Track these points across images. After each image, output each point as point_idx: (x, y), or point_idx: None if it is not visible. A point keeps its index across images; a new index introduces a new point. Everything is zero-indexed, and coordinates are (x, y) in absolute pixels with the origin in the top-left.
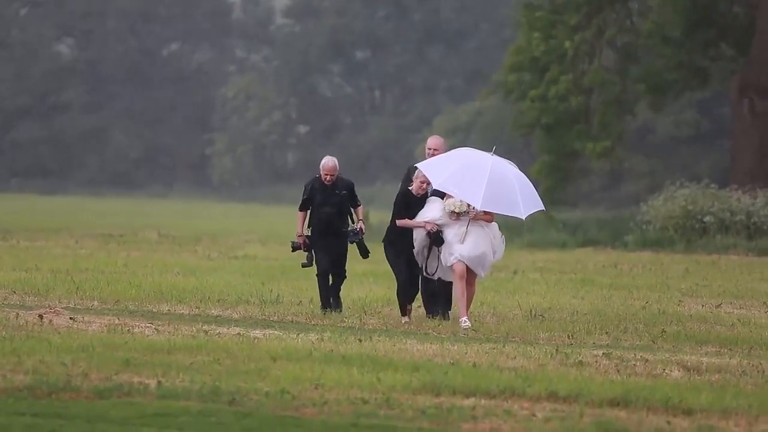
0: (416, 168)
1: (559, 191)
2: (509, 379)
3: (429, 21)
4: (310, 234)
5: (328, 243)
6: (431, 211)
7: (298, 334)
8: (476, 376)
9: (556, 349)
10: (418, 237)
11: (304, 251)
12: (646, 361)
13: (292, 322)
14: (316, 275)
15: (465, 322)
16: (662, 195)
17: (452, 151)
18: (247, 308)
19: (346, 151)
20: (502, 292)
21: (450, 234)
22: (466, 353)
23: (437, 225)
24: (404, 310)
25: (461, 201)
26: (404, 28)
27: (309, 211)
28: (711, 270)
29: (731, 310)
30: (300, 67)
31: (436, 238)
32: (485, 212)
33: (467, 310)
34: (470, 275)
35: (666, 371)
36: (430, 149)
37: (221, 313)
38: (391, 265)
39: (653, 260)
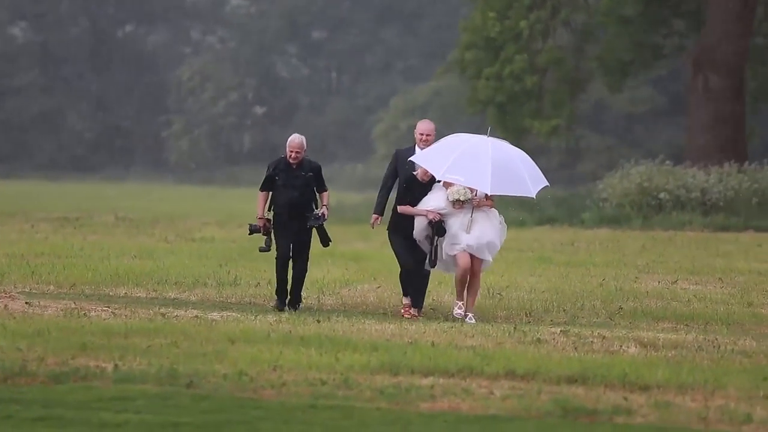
0: (397, 152)
1: None
2: (467, 357)
3: (385, 1)
4: (270, 217)
5: (289, 227)
6: (434, 200)
7: (256, 316)
8: (434, 356)
9: (514, 328)
10: (419, 226)
11: (263, 235)
12: (603, 338)
13: (250, 304)
14: (275, 259)
15: (470, 318)
16: (618, 172)
17: (445, 138)
18: (204, 291)
19: (304, 131)
20: None
21: (455, 224)
22: (424, 333)
23: (440, 214)
24: (405, 292)
25: (465, 188)
26: (360, 8)
27: (270, 193)
28: (667, 246)
29: (687, 286)
30: (256, 48)
31: (438, 228)
32: (487, 197)
33: (474, 303)
34: (476, 264)
35: (623, 348)
36: (422, 134)
37: (178, 295)
38: (394, 251)
39: (610, 237)
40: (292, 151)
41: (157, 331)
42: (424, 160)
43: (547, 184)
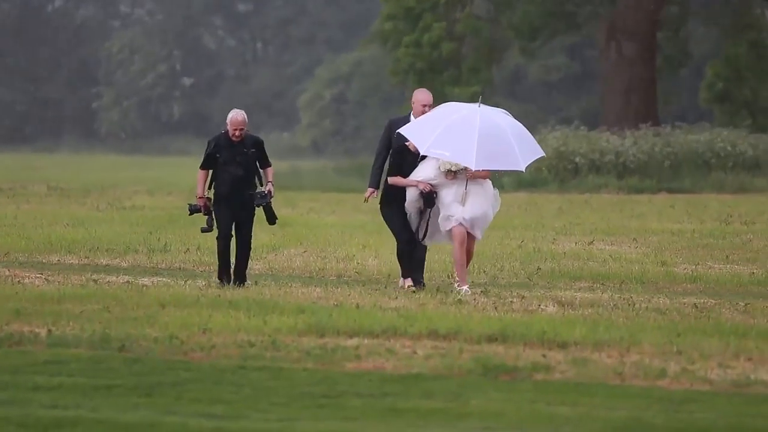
0: (390, 121)
1: None
2: (391, 318)
3: None
4: (212, 196)
5: (232, 206)
6: (425, 170)
7: (185, 281)
8: (359, 317)
9: (437, 289)
10: (410, 197)
11: (204, 215)
12: (523, 297)
13: (179, 269)
14: (216, 239)
15: (466, 290)
16: (535, 138)
17: (435, 109)
18: (135, 257)
19: (230, 101)
20: (384, 234)
21: (448, 196)
22: (349, 295)
23: (431, 185)
24: (404, 274)
25: None
26: None
27: (211, 171)
28: (583, 209)
29: (603, 247)
30: (183, 21)
31: (428, 199)
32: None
33: (465, 275)
34: (469, 238)
35: (541, 307)
36: (425, 106)
37: (110, 262)
38: (389, 227)
39: (528, 201)
40: (235, 129)
41: (89, 296)
42: (411, 133)
43: (543, 154)
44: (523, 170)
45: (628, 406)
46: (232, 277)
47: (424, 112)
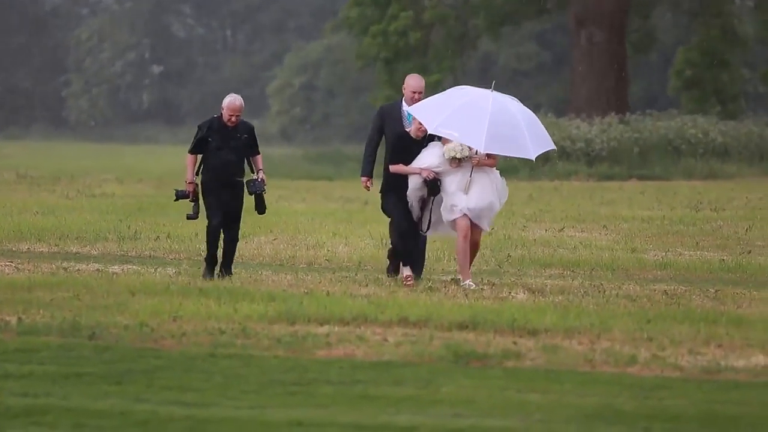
0: (382, 108)
1: None
2: (362, 306)
3: None
4: (201, 182)
5: (222, 194)
6: (429, 157)
7: (156, 269)
8: (330, 305)
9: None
10: (413, 185)
11: (191, 201)
12: (493, 285)
13: (150, 257)
14: (207, 227)
15: (470, 284)
16: None
17: (447, 91)
18: (105, 245)
19: (200, 89)
20: (354, 222)
21: (452, 184)
22: (319, 282)
23: (435, 172)
24: (405, 262)
25: (462, 145)
26: None
27: (199, 157)
28: (553, 196)
29: (573, 234)
30: (152, 8)
31: (432, 187)
32: (488, 156)
33: (470, 269)
34: (475, 234)
35: (512, 294)
36: (414, 93)
37: (80, 250)
38: (388, 216)
39: None
40: (231, 115)
41: (59, 284)
42: (420, 111)
43: (553, 147)
44: (533, 159)
45: (598, 392)
46: (219, 268)
47: (414, 99)
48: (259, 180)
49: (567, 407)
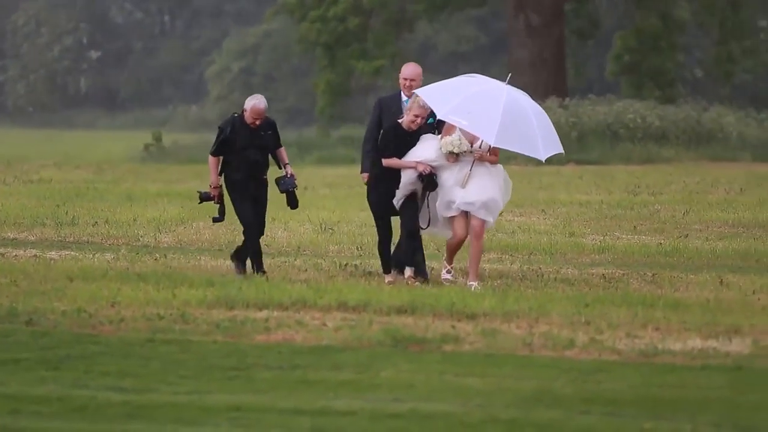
0: (380, 99)
1: (338, 108)
2: (301, 291)
3: None
4: (225, 183)
5: (250, 192)
6: (425, 151)
7: (94, 254)
8: (269, 289)
9: (346, 262)
10: (406, 180)
11: (215, 203)
12: (432, 269)
13: (87, 242)
14: (245, 228)
15: (475, 287)
16: None
17: (458, 77)
18: (43, 231)
19: (138, 74)
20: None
21: (449, 179)
22: None
23: (431, 167)
24: (408, 263)
25: (461, 139)
26: None
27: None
28: None
29: (512, 218)
30: None
31: (429, 182)
32: (491, 152)
33: (477, 269)
34: (477, 226)
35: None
36: (406, 80)
37: (17, 236)
38: (373, 211)
39: None
40: (256, 119)
41: None
42: (429, 95)
43: (561, 151)
44: (543, 160)
45: (537, 376)
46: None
47: (408, 86)
48: (289, 176)
49: (506, 391)
